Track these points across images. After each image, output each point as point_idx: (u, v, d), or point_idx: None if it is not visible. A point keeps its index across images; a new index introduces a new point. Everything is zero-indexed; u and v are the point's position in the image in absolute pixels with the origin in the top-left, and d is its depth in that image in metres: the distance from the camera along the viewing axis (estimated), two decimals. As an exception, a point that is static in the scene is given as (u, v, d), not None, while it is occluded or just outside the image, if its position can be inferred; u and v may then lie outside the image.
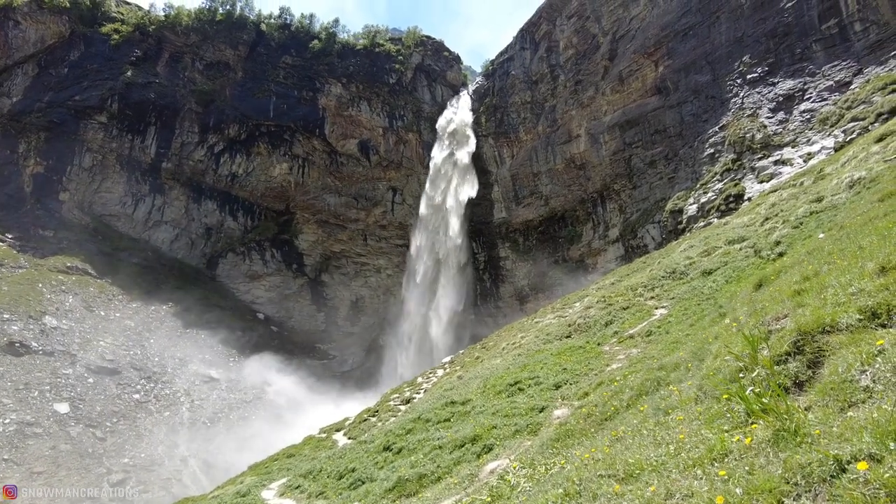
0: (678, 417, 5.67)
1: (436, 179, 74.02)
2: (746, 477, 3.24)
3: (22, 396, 45.70)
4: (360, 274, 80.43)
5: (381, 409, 30.04)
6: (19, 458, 41.22)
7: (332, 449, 24.27)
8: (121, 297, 62.02)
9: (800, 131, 39.52)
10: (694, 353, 9.29)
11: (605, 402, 9.67)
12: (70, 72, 75.43)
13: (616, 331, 22.00)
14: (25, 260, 59.54)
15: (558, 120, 66.51)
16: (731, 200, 40.32)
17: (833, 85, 39.30)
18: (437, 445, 14.67)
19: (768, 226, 24.94)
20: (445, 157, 73.96)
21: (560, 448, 8.53)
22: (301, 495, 17.21)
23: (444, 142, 75.53)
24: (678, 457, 4.34)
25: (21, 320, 51.51)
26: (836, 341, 4.47)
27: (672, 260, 29.23)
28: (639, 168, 56.95)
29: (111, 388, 50.90)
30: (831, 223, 16.07)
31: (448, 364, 37.46)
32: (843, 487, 2.67)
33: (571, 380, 17.19)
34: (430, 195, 73.42)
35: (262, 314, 73.65)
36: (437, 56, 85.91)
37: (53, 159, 70.56)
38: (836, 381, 3.91)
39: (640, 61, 56.59)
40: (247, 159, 79.01)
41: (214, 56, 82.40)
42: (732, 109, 45.87)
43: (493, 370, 23.59)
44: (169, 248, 74.70)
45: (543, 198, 68.63)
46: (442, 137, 76.11)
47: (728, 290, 18.69)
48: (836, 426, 3.29)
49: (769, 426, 3.75)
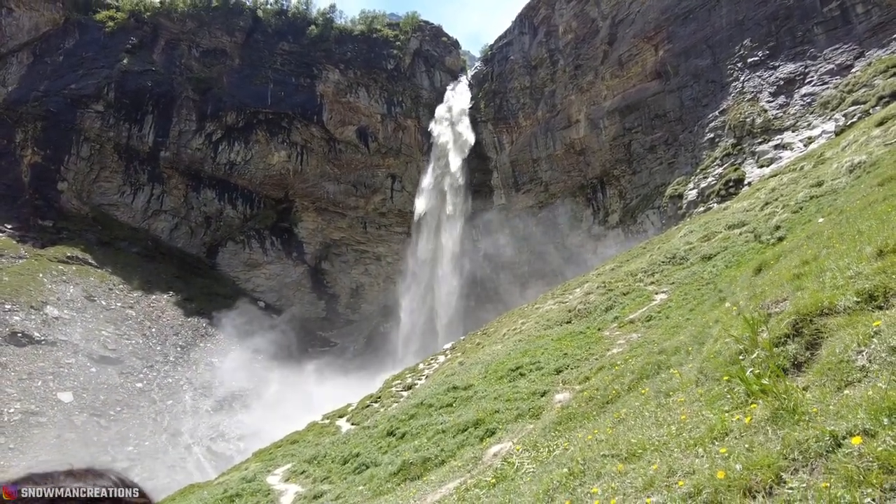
0: (679, 399, 5.79)
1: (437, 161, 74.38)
2: (746, 454, 3.36)
3: (26, 386, 46.01)
4: (360, 261, 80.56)
5: (383, 395, 30.31)
6: (24, 446, 41.62)
7: (335, 435, 24.53)
8: (121, 286, 62.15)
9: (800, 115, 39.41)
10: (694, 336, 9.42)
11: (607, 385, 9.81)
12: (65, 60, 74.85)
13: (616, 316, 22.15)
14: (26, 250, 59.57)
15: (558, 105, 66.23)
16: (731, 185, 40.32)
17: (834, 68, 39.11)
18: (440, 430, 14.86)
19: (768, 210, 25.01)
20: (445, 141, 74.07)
21: (562, 431, 8.68)
22: (306, 480, 17.45)
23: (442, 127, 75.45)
24: (680, 436, 4.46)
25: (23, 311, 51.67)
26: (834, 323, 4.58)
27: (672, 245, 29.33)
28: (639, 153, 56.85)
29: (114, 378, 51.23)
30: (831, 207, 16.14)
31: (449, 350, 37.71)
32: (838, 461, 2.79)
33: (572, 364, 17.36)
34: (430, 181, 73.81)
35: (262, 302, 73.89)
36: (436, 41, 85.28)
37: (51, 149, 70.26)
38: (833, 362, 4.02)
39: (640, 45, 56.25)
40: (245, 147, 78.75)
41: (211, 43, 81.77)
42: (733, 94, 45.69)
43: (495, 356, 23.78)
44: (169, 238, 74.71)
45: (543, 184, 68.57)
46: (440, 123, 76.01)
47: (728, 274, 18.80)
48: (833, 404, 3.40)
49: (768, 406, 3.86)
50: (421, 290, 71.14)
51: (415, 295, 71.16)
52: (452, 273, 70.10)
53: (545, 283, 60.15)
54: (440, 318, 68.16)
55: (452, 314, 68.03)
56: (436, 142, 74.82)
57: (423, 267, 71.67)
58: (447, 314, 68.26)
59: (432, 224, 73.06)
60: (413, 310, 70.46)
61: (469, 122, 74.07)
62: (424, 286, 71.11)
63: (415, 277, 72.03)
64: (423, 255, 72.14)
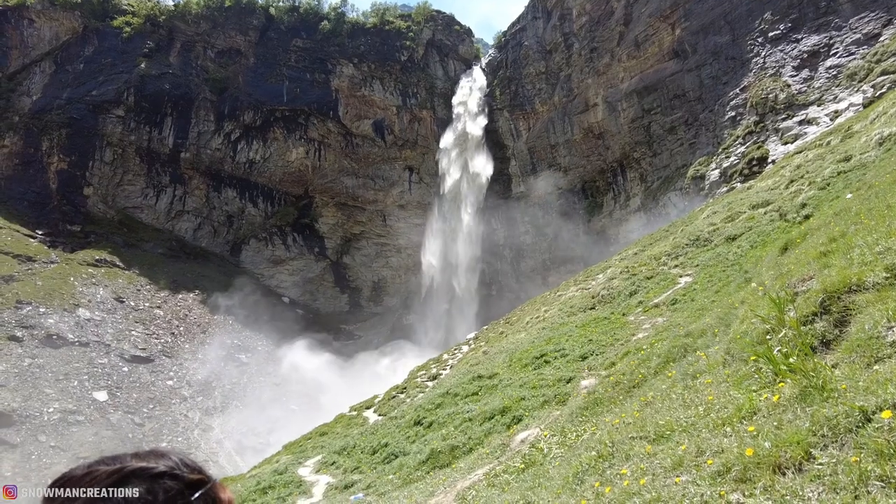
0: (706, 381, 5.79)
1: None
2: (775, 432, 3.37)
3: (63, 386, 47.48)
4: (381, 255, 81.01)
5: (408, 386, 30.58)
6: (65, 444, 43.04)
7: (363, 426, 24.87)
8: (149, 287, 63.54)
9: (826, 89, 38.37)
10: (720, 318, 9.34)
11: (633, 370, 9.80)
12: (86, 67, 76.27)
13: (641, 300, 22.00)
14: (56, 255, 61.23)
15: (574, 89, 65.48)
16: (754, 164, 39.54)
17: (861, 38, 37.94)
18: (466, 418, 15.00)
19: (793, 188, 24.50)
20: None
21: (589, 416, 8.71)
22: (337, 471, 17.76)
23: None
24: (707, 417, 4.47)
25: (56, 313, 53.20)
26: (863, 300, 4.52)
27: (695, 227, 28.95)
28: (658, 135, 56.01)
29: (145, 376, 52.56)
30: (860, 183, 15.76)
31: (472, 340, 37.84)
32: (867, 436, 2.79)
33: (597, 350, 17.33)
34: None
35: (287, 298, 74.89)
36: (449, 30, 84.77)
37: (76, 155, 71.83)
38: (862, 339, 3.98)
39: (656, 25, 55.22)
40: (263, 145, 79.54)
41: (226, 43, 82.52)
42: (754, 70, 44.66)
43: (518, 344, 23.83)
44: (193, 238, 76.03)
45: (562, 169, 68.01)
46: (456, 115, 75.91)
47: (753, 255, 18.53)
48: (862, 380, 3.38)
49: (796, 384, 3.85)
50: (442, 280, 71.33)
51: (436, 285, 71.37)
52: (473, 262, 70.13)
53: (567, 269, 59.85)
54: (462, 309, 68.30)
55: (473, 304, 68.13)
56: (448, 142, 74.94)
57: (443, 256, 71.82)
58: (469, 304, 68.38)
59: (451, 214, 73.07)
60: (435, 300, 70.73)
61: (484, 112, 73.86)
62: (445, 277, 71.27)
63: (435, 268, 72.24)
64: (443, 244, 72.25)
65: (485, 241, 71.21)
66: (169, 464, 1.10)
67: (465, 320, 65.89)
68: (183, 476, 1.09)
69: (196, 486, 1.09)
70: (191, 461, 1.14)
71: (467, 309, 67.96)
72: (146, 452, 1.13)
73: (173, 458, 1.12)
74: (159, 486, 1.04)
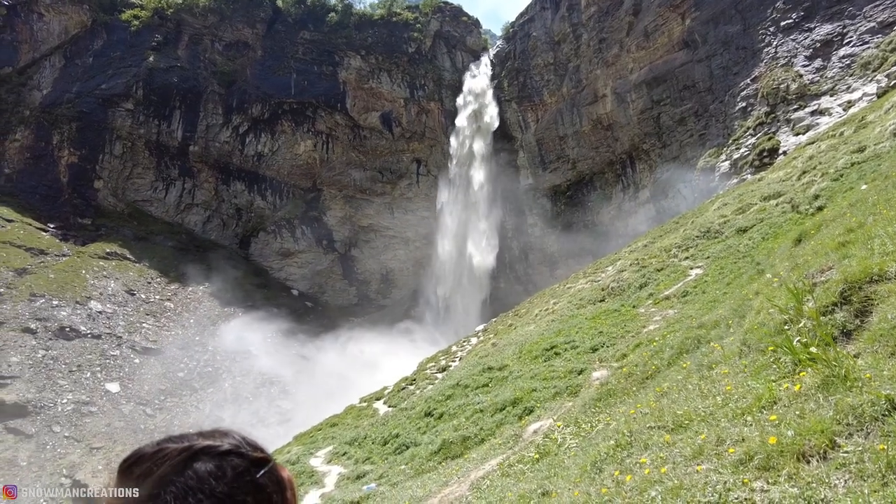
0: (723, 371, 5.78)
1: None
2: (798, 420, 3.37)
3: (76, 378, 48.10)
4: (389, 247, 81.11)
5: (418, 378, 30.71)
6: (79, 434, 43.66)
7: (373, 417, 25.04)
8: (159, 279, 64.04)
9: (839, 78, 37.88)
10: (734, 310, 9.31)
11: (646, 361, 9.80)
12: (95, 61, 76.52)
13: (651, 293, 21.93)
14: (68, 248, 61.80)
15: (583, 80, 65.03)
16: (765, 155, 39.18)
17: (875, 26, 37.38)
18: (477, 409, 15.06)
19: (806, 179, 24.28)
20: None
21: (603, 407, 8.73)
22: (348, 461, 17.91)
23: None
24: (726, 407, 4.48)
25: (69, 306, 53.77)
26: (885, 290, 4.50)
27: (706, 219, 28.78)
28: (668, 126, 55.58)
29: (157, 368, 53.09)
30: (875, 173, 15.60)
31: (481, 332, 37.91)
32: (894, 424, 2.79)
33: (608, 342, 17.32)
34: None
35: (296, 290, 75.24)
36: (456, 21, 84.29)
37: (86, 149, 72.24)
38: (885, 328, 3.97)
39: (666, 15, 54.65)
40: (271, 138, 79.69)
41: (233, 36, 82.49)
42: (765, 60, 44.16)
43: (528, 336, 23.85)
44: (202, 230, 76.44)
45: (571, 161, 67.69)
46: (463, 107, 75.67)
47: (765, 246, 18.41)
48: (887, 370, 3.38)
49: (818, 373, 3.85)
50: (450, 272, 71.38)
51: (445, 278, 71.47)
52: (481, 255, 70.10)
53: (576, 262, 59.67)
54: (470, 301, 68.36)
55: (482, 296, 68.19)
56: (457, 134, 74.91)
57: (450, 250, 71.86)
58: (477, 296, 68.43)
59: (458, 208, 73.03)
60: (443, 294, 70.86)
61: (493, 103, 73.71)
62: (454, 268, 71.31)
63: (443, 262, 72.29)
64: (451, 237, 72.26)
65: (492, 234, 71.12)
66: (233, 442, 1.13)
67: (474, 313, 65.98)
68: (248, 454, 1.12)
69: (260, 465, 1.12)
70: (252, 440, 1.18)
71: (475, 301, 68.03)
72: (210, 431, 1.16)
73: (237, 437, 1.16)
74: (227, 464, 1.07)
